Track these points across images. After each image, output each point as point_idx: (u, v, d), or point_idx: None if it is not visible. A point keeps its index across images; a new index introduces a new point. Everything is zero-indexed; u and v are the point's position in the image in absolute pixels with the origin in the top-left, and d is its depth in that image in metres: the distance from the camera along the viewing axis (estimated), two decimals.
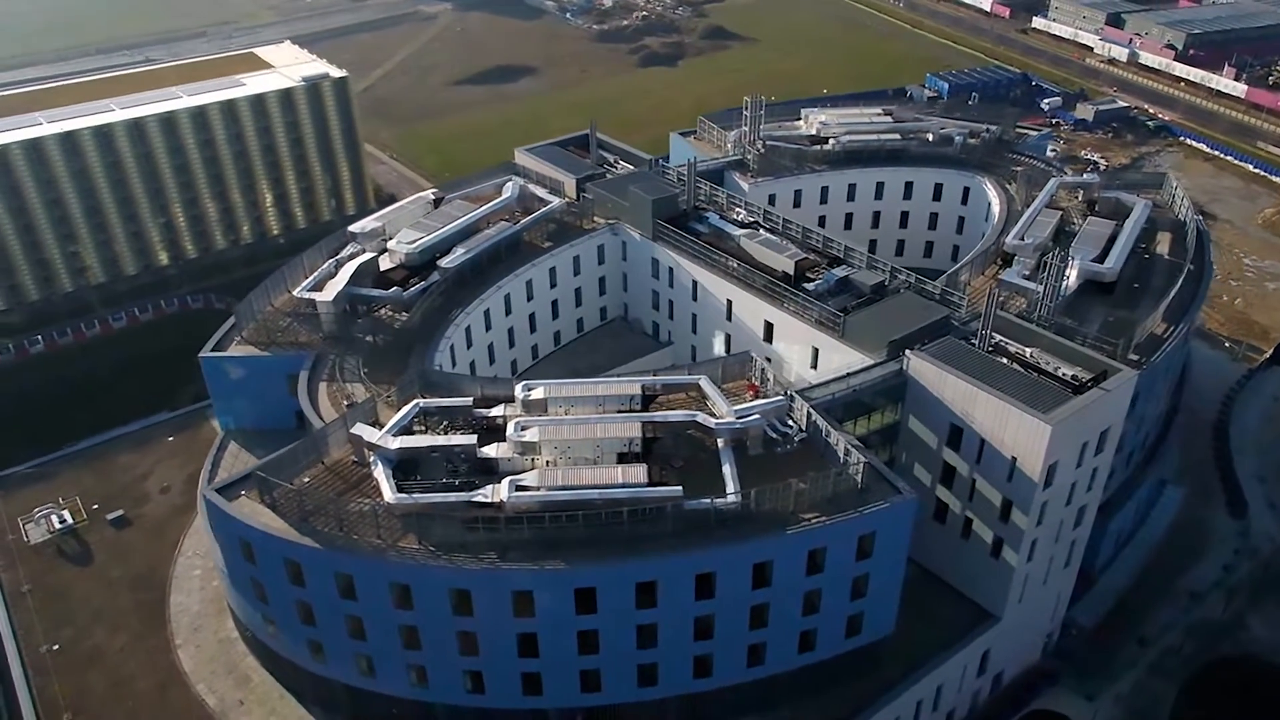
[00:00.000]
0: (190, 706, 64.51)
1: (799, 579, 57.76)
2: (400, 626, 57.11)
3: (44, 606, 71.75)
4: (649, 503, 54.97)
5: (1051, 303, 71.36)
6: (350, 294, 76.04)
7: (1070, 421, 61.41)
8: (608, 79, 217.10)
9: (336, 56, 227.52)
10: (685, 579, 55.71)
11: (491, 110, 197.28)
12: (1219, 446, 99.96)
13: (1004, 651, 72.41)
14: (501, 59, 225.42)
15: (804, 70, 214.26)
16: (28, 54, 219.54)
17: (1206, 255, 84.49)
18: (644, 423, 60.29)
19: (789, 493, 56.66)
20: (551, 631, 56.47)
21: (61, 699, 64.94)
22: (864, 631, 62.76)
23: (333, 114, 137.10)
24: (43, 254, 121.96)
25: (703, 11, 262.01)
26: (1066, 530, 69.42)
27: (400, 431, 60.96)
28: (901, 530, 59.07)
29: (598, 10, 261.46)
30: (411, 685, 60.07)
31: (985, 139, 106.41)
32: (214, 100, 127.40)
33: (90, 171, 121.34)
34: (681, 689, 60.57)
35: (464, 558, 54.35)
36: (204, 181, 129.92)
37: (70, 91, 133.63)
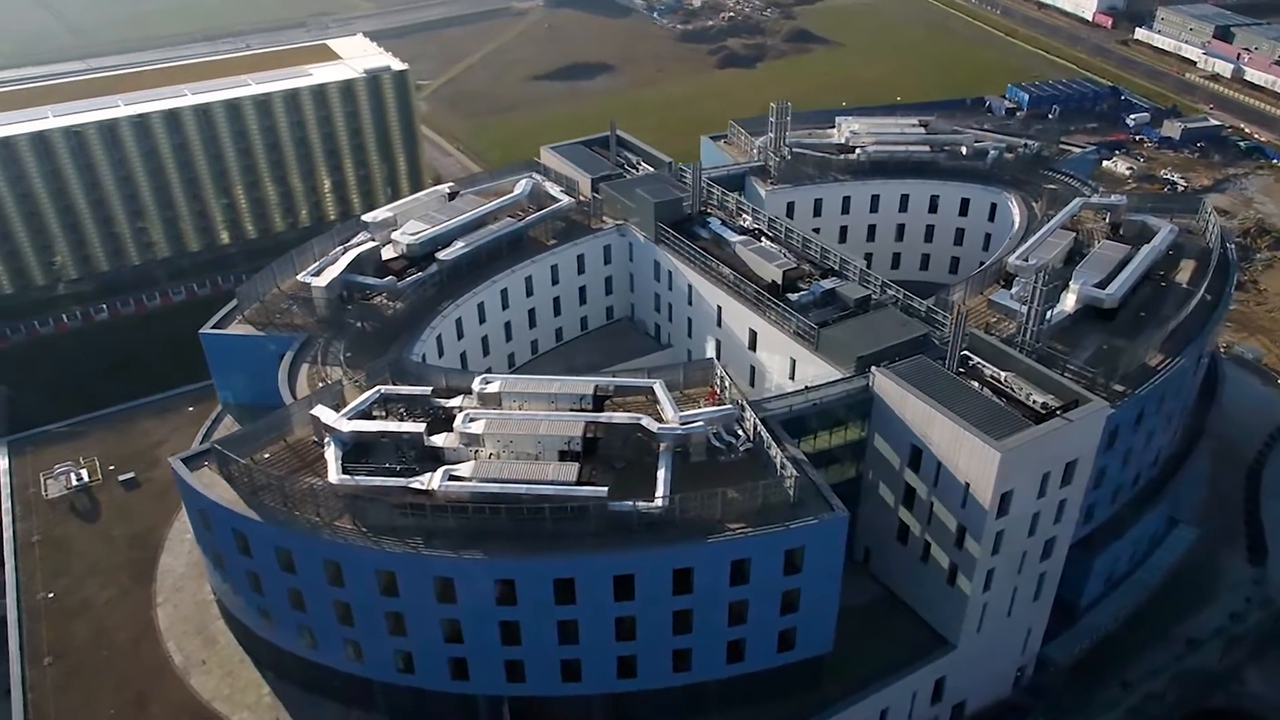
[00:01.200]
0: (158, 661, 68.45)
1: (722, 588, 57.76)
2: (335, 602, 59.54)
3: (47, 557, 76.94)
4: (573, 501, 55.89)
5: (1035, 326, 69.20)
6: (346, 281, 79.07)
7: (1023, 450, 59.63)
8: (684, 79, 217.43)
9: (423, 49, 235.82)
10: (603, 579, 56.42)
11: (564, 107, 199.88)
12: (1250, 488, 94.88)
13: (964, 681, 70.64)
14: (581, 56, 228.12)
15: (884, 76, 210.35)
16: (138, 39, 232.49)
17: (1226, 286, 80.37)
18: (587, 422, 61.21)
19: (716, 501, 56.80)
20: (474, 619, 58.05)
21: (46, 644, 69.65)
22: (798, 647, 62.33)
23: (391, 105, 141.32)
24: (114, 229, 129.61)
25: (790, 14, 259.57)
26: (1032, 562, 67.29)
27: (358, 416, 63.42)
28: (833, 548, 58.46)
29: (685, 10, 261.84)
30: (349, 660, 62.48)
31: (1021, 154, 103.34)
32: (278, 89, 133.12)
33: (159, 153, 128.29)
34: (606, 687, 61.38)
35: (391, 541, 56.29)
36: (265, 166, 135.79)
37: (149, 76, 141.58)
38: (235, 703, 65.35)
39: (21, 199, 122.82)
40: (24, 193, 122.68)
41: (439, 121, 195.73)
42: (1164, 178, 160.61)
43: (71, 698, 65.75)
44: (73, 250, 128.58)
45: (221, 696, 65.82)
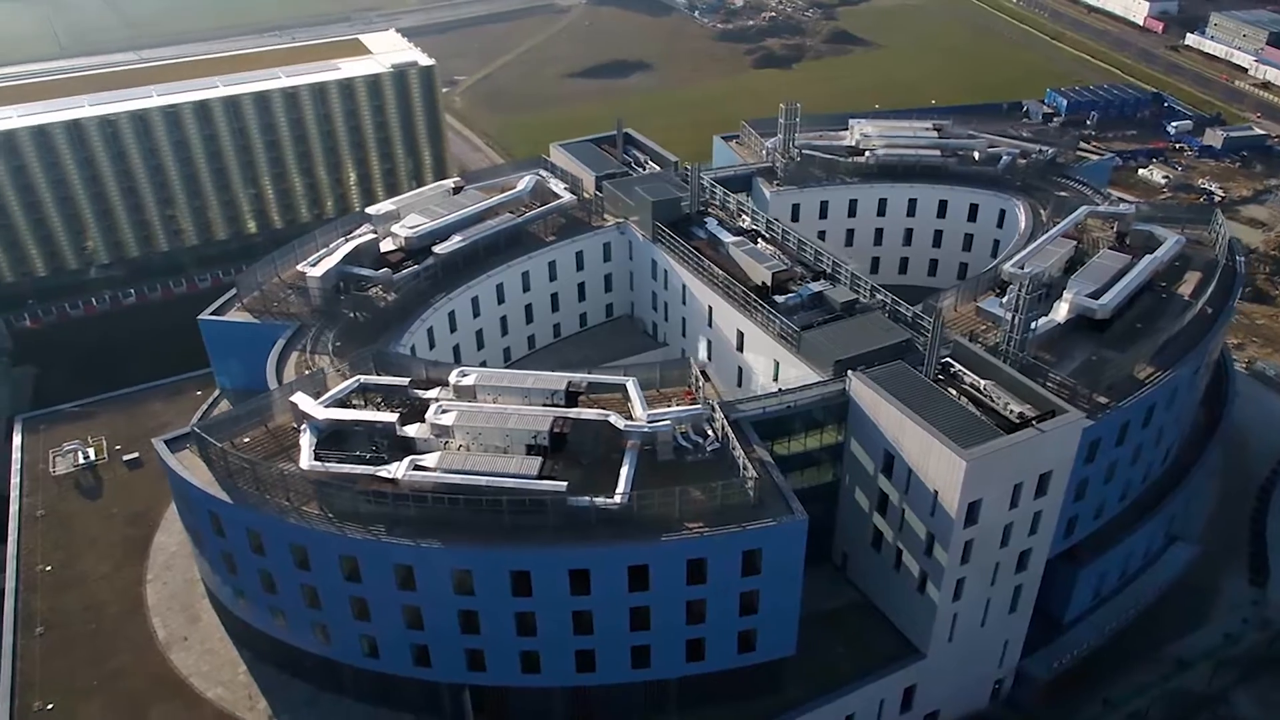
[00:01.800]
0: (143, 635, 70.53)
1: (679, 586, 57.96)
2: (303, 585, 60.88)
3: (49, 531, 79.58)
4: (532, 495, 56.52)
5: (1020, 335, 68.27)
6: (341, 272, 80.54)
7: (991, 460, 58.99)
8: (719, 78, 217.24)
9: (464, 45, 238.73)
10: (559, 572, 56.98)
11: (597, 104, 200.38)
12: (1259, 509, 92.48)
13: (936, 691, 69.99)
14: (619, 53, 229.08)
15: (921, 79, 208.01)
16: (190, 32, 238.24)
17: (1229, 299, 78.45)
18: (555, 417, 61.80)
19: (674, 499, 57.07)
20: (433, 606, 58.95)
21: (39, 614, 72.11)
22: (759, 649, 62.30)
23: (417, 100, 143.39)
24: (144, 216, 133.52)
25: (832, 14, 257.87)
26: (1006, 574, 66.45)
27: (335, 404, 64.80)
28: (792, 551, 58.32)
29: (726, 9, 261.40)
30: (318, 643, 63.83)
31: (1035, 160, 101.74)
32: (306, 82, 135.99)
33: (189, 143, 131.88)
34: (566, 680, 61.90)
35: (354, 527, 57.42)
36: (292, 158, 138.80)
37: (185, 68, 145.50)
38: (211, 679, 67.13)
39: (56, 185, 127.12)
40: (58, 179, 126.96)
41: (472, 117, 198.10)
42: (1201, 187, 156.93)
43: (57, 667, 68.03)
44: (104, 236, 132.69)
45: (199, 672, 67.66)
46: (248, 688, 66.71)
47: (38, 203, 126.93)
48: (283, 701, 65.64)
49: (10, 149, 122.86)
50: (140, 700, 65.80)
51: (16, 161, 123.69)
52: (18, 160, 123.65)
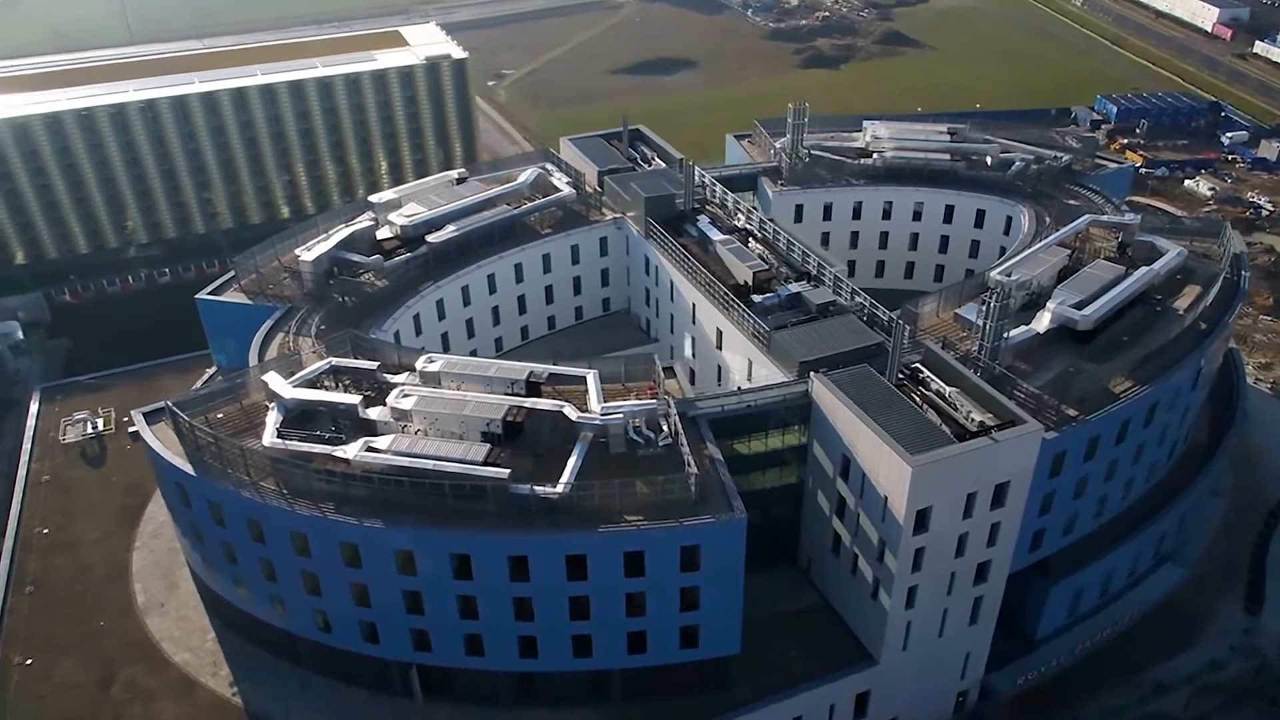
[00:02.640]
0: (123, 600, 73.51)
1: (618, 579, 58.46)
2: (260, 559, 62.87)
3: (51, 495, 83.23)
4: (474, 480, 57.56)
5: (991, 343, 67.29)
6: (334, 257, 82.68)
7: (939, 467, 58.33)
8: (765, 77, 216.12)
9: (514, 40, 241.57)
10: (498, 558, 57.94)
11: (639, 101, 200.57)
12: (1264, 534, 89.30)
13: (893, 700, 69.34)
14: (666, 51, 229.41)
15: (970, 83, 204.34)
16: (253, 21, 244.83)
17: (1225, 315, 76.05)
18: (510, 406, 62.79)
19: (614, 491, 57.60)
20: (379, 585, 60.39)
21: (31, 574, 75.57)
22: (702, 645, 62.51)
23: (449, 92, 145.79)
24: (181, 198, 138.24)
25: (888, 15, 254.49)
26: (964, 584, 65.54)
27: (305, 384, 66.66)
28: (732, 549, 58.38)
29: (780, 8, 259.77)
30: (277, 615, 65.84)
31: (1048, 167, 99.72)
32: (340, 72, 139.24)
33: (226, 129, 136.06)
34: (509, 665, 62.89)
35: (305, 503, 59.10)
36: (326, 146, 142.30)
37: (228, 56, 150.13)
38: (180, 644, 69.71)
39: (99, 166, 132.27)
40: (101, 160, 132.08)
41: (514, 110, 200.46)
42: (1249, 200, 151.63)
43: (40, 625, 71.27)
44: (144, 217, 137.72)
45: (170, 638, 70.30)
46: (214, 655, 69.10)
47: (81, 182, 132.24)
48: (244, 670, 67.85)
49: (57, 131, 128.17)
50: (112, 661, 68.60)
51: (61, 143, 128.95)
52: (63, 141, 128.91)
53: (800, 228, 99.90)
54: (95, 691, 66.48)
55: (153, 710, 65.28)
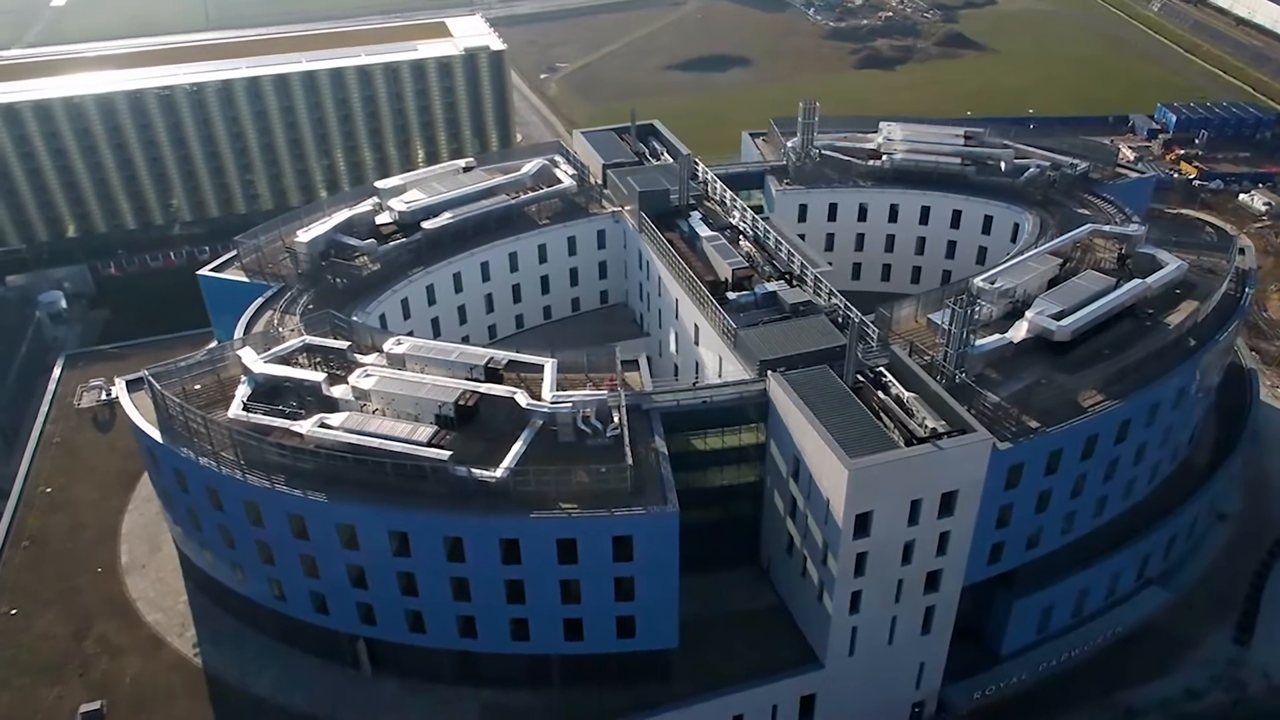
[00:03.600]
0: (109, 558, 77.11)
1: (551, 564, 59.28)
2: (220, 526, 65.32)
3: (59, 457, 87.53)
4: (416, 460, 58.94)
5: (956, 350, 66.20)
6: (330, 239, 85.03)
7: (879, 471, 57.84)
8: (817, 77, 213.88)
9: (572, 34, 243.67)
10: (435, 537, 59.26)
11: (687, 98, 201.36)
12: (1266, 563, 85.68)
13: (842, 705, 68.66)
14: (721, 48, 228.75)
15: (1029, 87, 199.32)
16: (319, 10, 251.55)
17: (1218, 332, 73.31)
18: (464, 390, 64.07)
19: (550, 478, 58.40)
20: (326, 558, 62.23)
21: (29, 530, 79.65)
22: (639, 637, 62.98)
23: (486, 84, 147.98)
24: (224, 180, 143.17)
25: (952, 16, 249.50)
26: (913, 592, 64.69)
27: (276, 360, 68.93)
28: (664, 542, 58.70)
29: (842, 7, 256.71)
30: (238, 581, 68.30)
31: (1063, 175, 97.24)
32: (380, 61, 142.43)
33: (269, 113, 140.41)
34: (450, 643, 64.18)
35: (257, 474, 61.23)
36: (364, 133, 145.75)
37: (277, 43, 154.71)
38: (154, 605, 72.83)
39: (147, 146, 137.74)
40: (149, 140, 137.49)
41: (563, 104, 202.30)
42: None
43: (29, 578, 75.19)
44: (189, 196, 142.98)
45: (146, 597, 73.48)
46: (183, 616, 72.05)
47: (130, 161, 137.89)
48: (209, 632, 70.60)
49: (108, 111, 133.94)
50: (90, 616, 72.05)
51: (112, 122, 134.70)
52: (113, 121, 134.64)
53: (804, 227, 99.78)
54: (69, 643, 69.90)
55: (118, 665, 68.35)
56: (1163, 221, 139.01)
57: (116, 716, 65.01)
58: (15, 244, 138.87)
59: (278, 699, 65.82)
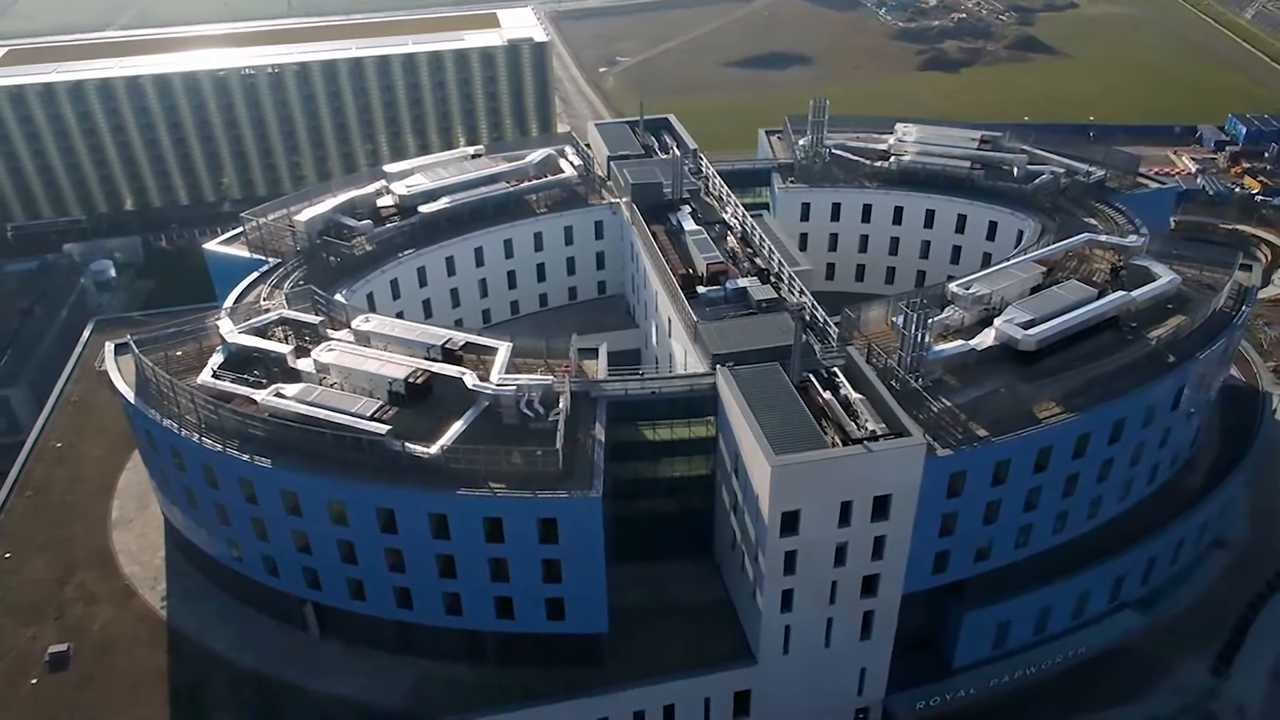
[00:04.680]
0: (100, 511, 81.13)
1: (479, 541, 60.60)
2: (184, 486, 68.51)
3: (74, 414, 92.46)
4: (355, 433, 60.97)
5: (910, 354, 65.32)
6: (328, 219, 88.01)
7: (803, 469, 57.64)
8: (877, 78, 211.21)
9: (637, 29, 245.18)
10: (368, 507, 61.15)
11: (741, 95, 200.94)
12: (1261, 595, 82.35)
13: (779, 703, 68.41)
14: (783, 45, 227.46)
15: (1096, 94, 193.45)
16: None
17: (1202, 349, 70.43)
18: (415, 369, 65.86)
19: (479, 457, 59.76)
20: (273, 522, 64.66)
21: (34, 481, 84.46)
22: (569, 619, 63.89)
23: (528, 75, 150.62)
24: (272, 160, 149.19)
25: (1028, 19, 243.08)
26: (849, 595, 64.09)
27: (251, 332, 71.90)
28: (588, 526, 59.43)
29: (914, 7, 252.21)
30: (203, 541, 71.52)
31: (1076, 182, 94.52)
32: (425, 50, 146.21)
33: (316, 97, 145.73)
34: (388, 613, 66.05)
35: (213, 438, 64.06)
36: (407, 119, 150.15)
37: (331, 30, 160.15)
38: (133, 558, 76.58)
39: (201, 126, 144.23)
40: (203, 120, 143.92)
41: (616, 97, 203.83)
42: None
43: (26, 526, 79.74)
44: (239, 175, 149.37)
45: (127, 551, 77.32)
46: (158, 571, 75.62)
47: (184, 139, 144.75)
48: (178, 587, 73.97)
49: (165, 91, 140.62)
50: (72, 565, 76.11)
51: (169, 102, 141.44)
52: (170, 101, 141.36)
53: (807, 227, 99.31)
54: (52, 588, 74.09)
55: (91, 611, 72.22)
56: (1200, 235, 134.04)
57: (81, 659, 68.72)
58: (77, 214, 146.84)
59: (230, 655, 68.67)
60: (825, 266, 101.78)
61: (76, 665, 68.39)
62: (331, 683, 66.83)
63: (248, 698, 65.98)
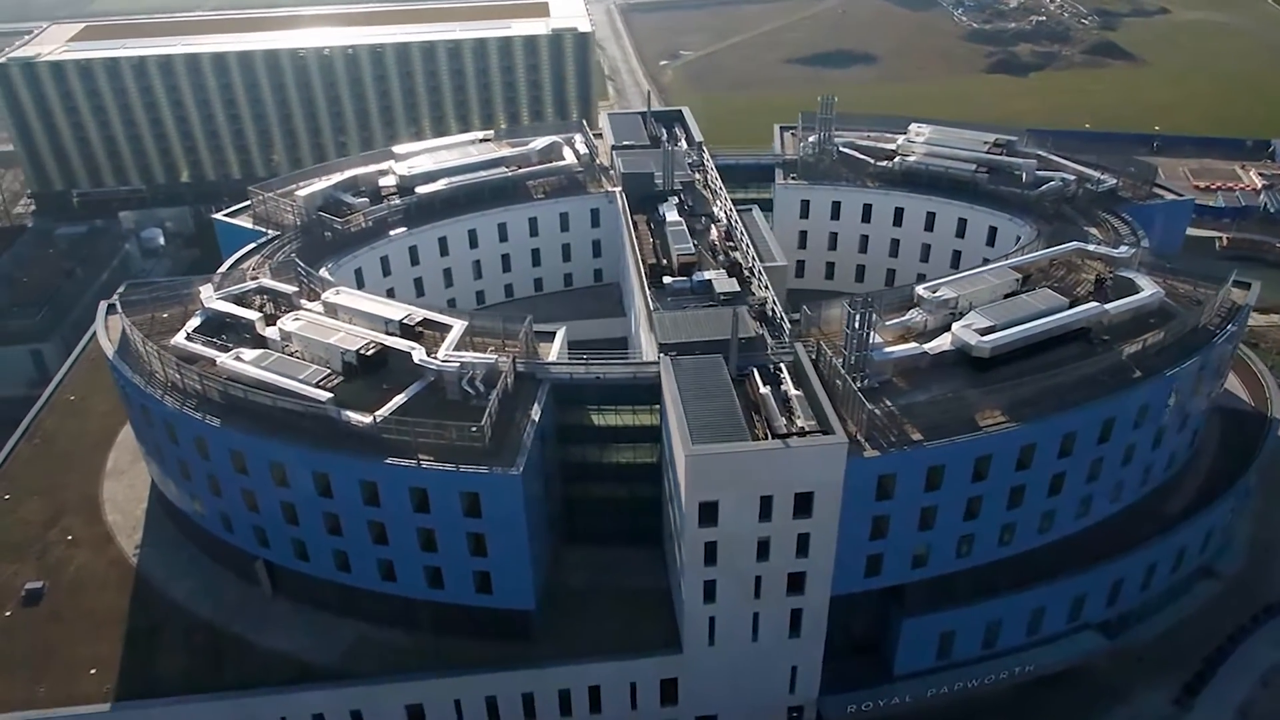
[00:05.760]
0: (96, 462, 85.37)
1: (406, 510, 62.35)
2: (154, 441, 72.15)
3: (91, 370, 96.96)
4: (299, 399, 63.43)
5: (853, 354, 64.69)
6: (328, 196, 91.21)
7: (718, 460, 57.92)
8: (940, 79, 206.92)
9: (708, 22, 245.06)
10: (304, 471, 63.43)
11: (796, 92, 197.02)
12: (1245, 629, 78.94)
13: (705, 696, 68.73)
14: (849, 44, 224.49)
15: (1169, 104, 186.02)
16: None
17: (1173, 366, 67.82)
18: (368, 341, 68.05)
19: (406, 430, 61.54)
20: (225, 480, 67.52)
21: (42, 430, 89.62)
22: (496, 594, 65.27)
23: (570, 64, 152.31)
24: (320, 139, 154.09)
25: (1111, 24, 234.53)
26: (774, 592, 63.88)
27: (229, 298, 75.23)
28: (508, 503, 60.59)
29: (992, 8, 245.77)
30: (172, 493, 75.15)
31: (1085, 191, 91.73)
32: (469, 36, 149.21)
33: (363, 80, 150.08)
34: (328, 575, 68.37)
35: (175, 397, 67.32)
36: (450, 104, 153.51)
37: (381, 15, 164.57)
38: (118, 507, 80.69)
39: (254, 104, 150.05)
40: (256, 98, 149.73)
41: (674, 91, 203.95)
42: None
43: (28, 471, 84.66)
44: (287, 152, 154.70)
45: (113, 500, 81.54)
46: (138, 520, 79.58)
47: (238, 116, 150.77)
48: (153, 537, 77.69)
49: (222, 69, 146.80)
50: (64, 510, 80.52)
51: (225, 79, 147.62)
52: (225, 79, 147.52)
53: (806, 224, 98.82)
54: (39, 530, 78.64)
55: (69, 554, 76.48)
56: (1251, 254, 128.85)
57: (53, 597, 72.89)
58: (137, 184, 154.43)
59: (188, 604, 71.97)
60: (825, 266, 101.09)
61: (48, 602, 72.59)
62: (275, 638, 69.54)
63: (197, 645, 69.04)
